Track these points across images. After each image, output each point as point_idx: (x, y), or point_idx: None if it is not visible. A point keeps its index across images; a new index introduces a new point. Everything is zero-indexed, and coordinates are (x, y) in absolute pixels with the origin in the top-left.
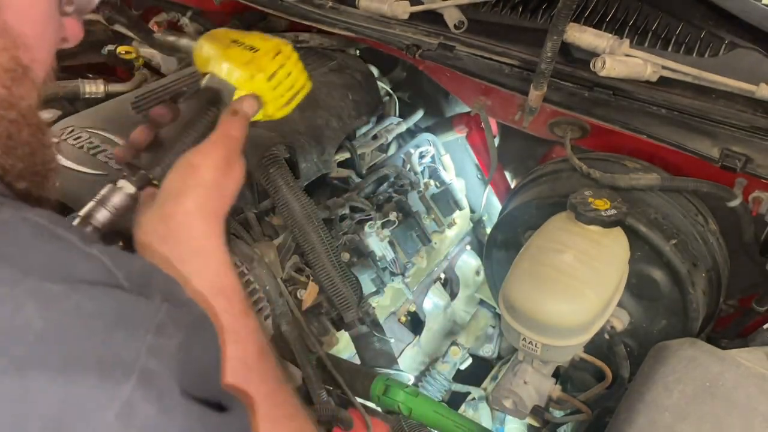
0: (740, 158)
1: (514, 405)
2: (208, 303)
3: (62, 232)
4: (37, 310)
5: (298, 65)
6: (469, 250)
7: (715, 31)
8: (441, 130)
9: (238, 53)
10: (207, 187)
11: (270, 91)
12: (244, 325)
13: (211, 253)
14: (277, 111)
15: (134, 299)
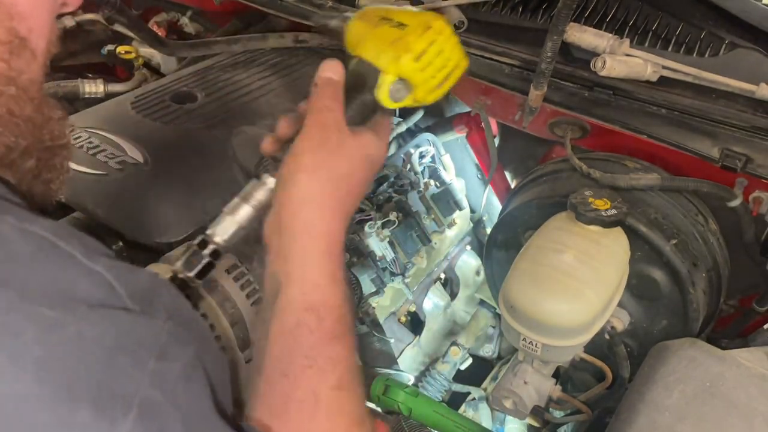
0: (740, 158)
1: (514, 405)
2: (292, 316)
3: (65, 246)
4: (36, 338)
5: (450, 41)
6: (469, 250)
7: (715, 31)
8: (441, 130)
9: (385, 32)
10: (308, 171)
11: (418, 72)
12: (327, 352)
13: (310, 256)
14: (428, 94)
15: (136, 320)
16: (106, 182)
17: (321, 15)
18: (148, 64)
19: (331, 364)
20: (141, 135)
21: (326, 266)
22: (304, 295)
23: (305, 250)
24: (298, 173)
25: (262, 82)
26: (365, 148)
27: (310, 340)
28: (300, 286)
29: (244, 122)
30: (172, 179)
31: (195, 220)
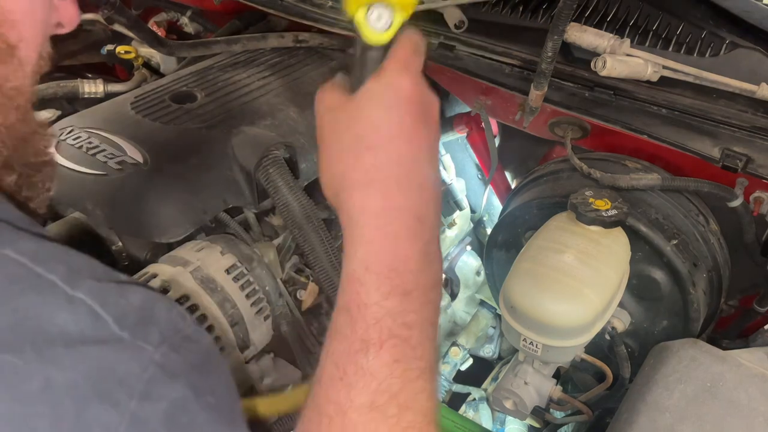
0: (741, 158)
1: (514, 406)
2: (336, 315)
3: (43, 272)
4: (1, 393)
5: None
6: (469, 251)
7: (715, 31)
8: (441, 129)
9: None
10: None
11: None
12: (359, 363)
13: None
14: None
15: (121, 353)
16: (105, 182)
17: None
18: (147, 64)
19: (363, 379)
20: (140, 135)
21: (373, 254)
22: (342, 291)
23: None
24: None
25: (261, 82)
26: (368, 102)
27: (340, 347)
28: (344, 277)
29: (244, 122)
30: (172, 179)
31: (195, 220)
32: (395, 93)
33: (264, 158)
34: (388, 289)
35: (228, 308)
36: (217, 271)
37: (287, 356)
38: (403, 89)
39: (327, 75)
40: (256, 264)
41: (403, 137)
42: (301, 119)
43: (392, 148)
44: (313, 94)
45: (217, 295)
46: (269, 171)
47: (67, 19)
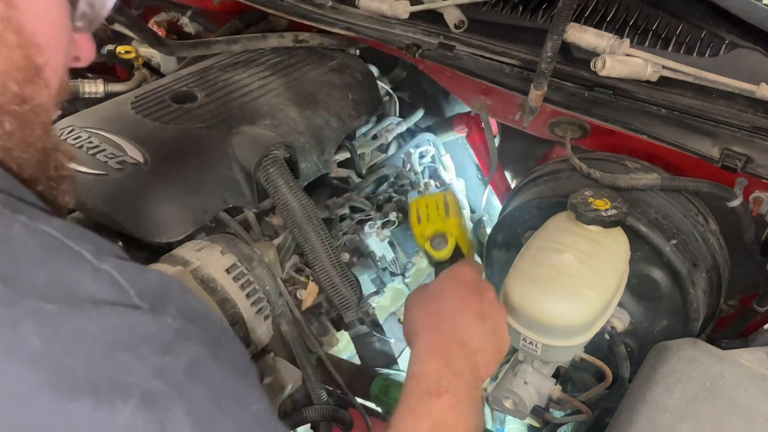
0: (740, 158)
1: (514, 405)
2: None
3: (74, 246)
4: (34, 331)
5: (424, 197)
6: None
7: (715, 30)
8: (441, 130)
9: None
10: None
11: (426, 224)
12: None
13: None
14: (447, 225)
15: (143, 317)
16: (106, 182)
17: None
18: (147, 63)
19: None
20: (141, 135)
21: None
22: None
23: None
24: (411, 325)
25: (262, 82)
26: (441, 277)
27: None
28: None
29: (244, 122)
30: (172, 179)
31: (195, 219)
32: (456, 273)
33: (264, 158)
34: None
35: (228, 308)
36: (217, 271)
37: (287, 356)
38: (462, 272)
39: (326, 75)
40: (256, 263)
41: (458, 297)
42: (301, 119)
43: (447, 302)
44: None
45: (217, 294)
46: (269, 171)
47: (84, 53)
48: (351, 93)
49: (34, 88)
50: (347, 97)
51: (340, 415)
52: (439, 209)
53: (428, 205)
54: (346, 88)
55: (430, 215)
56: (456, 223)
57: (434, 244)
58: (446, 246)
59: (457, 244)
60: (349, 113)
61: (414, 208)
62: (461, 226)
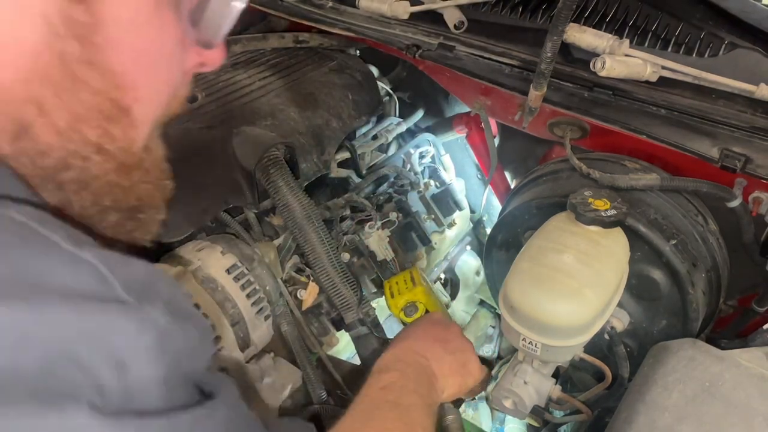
0: (740, 158)
1: (514, 405)
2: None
3: (47, 234)
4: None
5: (394, 276)
6: (469, 251)
7: (715, 31)
8: (441, 130)
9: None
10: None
11: (398, 297)
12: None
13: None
14: (414, 295)
15: (123, 315)
16: None
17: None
18: None
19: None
20: None
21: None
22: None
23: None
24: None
25: (262, 82)
26: (419, 321)
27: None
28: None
29: (245, 122)
30: (172, 179)
31: (195, 220)
32: (427, 318)
33: (264, 158)
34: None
35: (228, 308)
36: (218, 271)
37: (288, 356)
38: (431, 317)
39: (327, 75)
40: (257, 264)
41: (429, 334)
42: (301, 119)
43: (420, 337)
44: (314, 94)
45: (218, 294)
46: (270, 171)
47: (211, 61)
48: (351, 93)
49: (117, 130)
50: (347, 97)
51: (340, 415)
52: (407, 282)
53: (398, 282)
54: (346, 89)
55: (400, 289)
56: (422, 290)
57: (407, 313)
58: (417, 312)
59: (426, 309)
60: (349, 113)
61: (387, 287)
62: (427, 291)
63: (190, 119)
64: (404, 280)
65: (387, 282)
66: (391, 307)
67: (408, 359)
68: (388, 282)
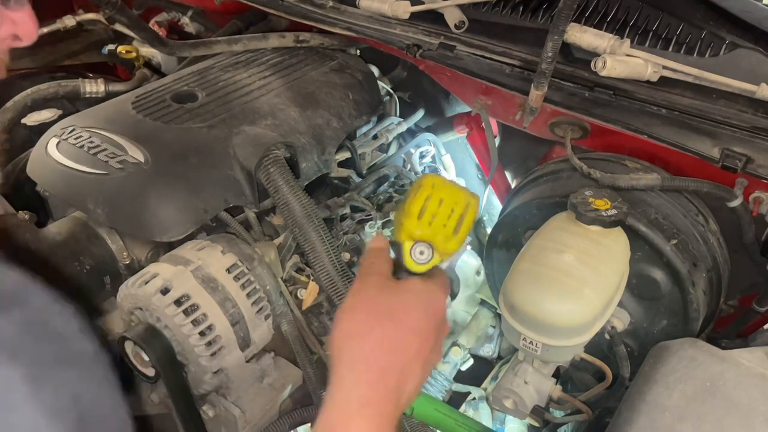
0: (741, 158)
1: (514, 405)
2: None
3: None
4: None
5: (446, 188)
6: (469, 250)
7: (715, 31)
8: (441, 130)
9: (399, 210)
10: (354, 338)
11: (426, 228)
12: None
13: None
14: (449, 243)
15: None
16: (106, 181)
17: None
18: (148, 63)
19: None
20: (141, 134)
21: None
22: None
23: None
24: (347, 341)
25: (262, 82)
26: (412, 291)
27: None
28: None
29: (245, 122)
30: (173, 178)
31: (196, 219)
32: (433, 302)
33: (265, 158)
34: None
35: (229, 307)
36: (218, 271)
37: (288, 355)
38: (438, 305)
39: (327, 74)
40: (257, 263)
41: (420, 338)
42: (301, 119)
43: (406, 341)
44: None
45: (218, 294)
46: (270, 170)
47: (24, 32)
48: (351, 93)
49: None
50: (348, 97)
51: None
52: (452, 218)
53: (443, 202)
54: (346, 88)
55: (436, 218)
56: (458, 244)
57: (415, 252)
58: (428, 262)
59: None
60: (349, 113)
61: (424, 195)
62: (459, 248)
63: (190, 119)
64: (452, 210)
65: (430, 184)
66: (405, 227)
67: (380, 411)
68: (431, 186)
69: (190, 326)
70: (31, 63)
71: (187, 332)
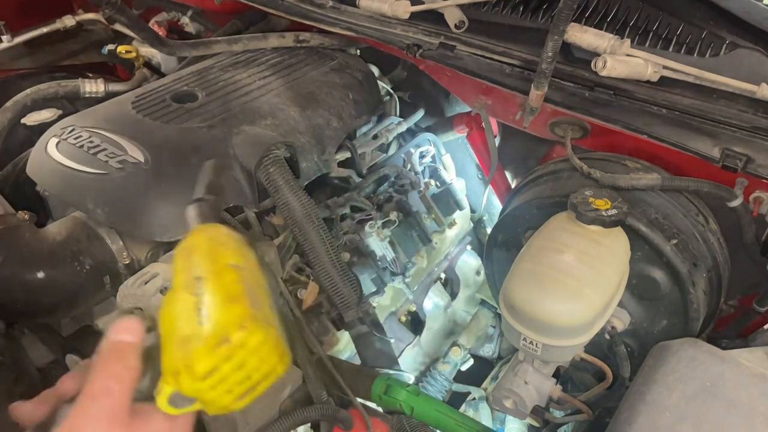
0: (741, 158)
1: (514, 405)
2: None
3: None
4: None
5: (258, 353)
6: (469, 250)
7: (716, 31)
8: (441, 129)
9: (184, 311)
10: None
11: (205, 391)
12: None
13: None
14: (223, 408)
15: None
16: (106, 181)
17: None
18: (148, 63)
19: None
20: (141, 134)
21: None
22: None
23: None
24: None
25: (262, 81)
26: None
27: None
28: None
29: (245, 122)
30: (173, 178)
31: None
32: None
33: (264, 157)
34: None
35: None
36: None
37: None
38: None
39: (327, 74)
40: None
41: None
42: (301, 119)
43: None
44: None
45: None
46: (270, 170)
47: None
48: (351, 93)
49: None
50: (348, 96)
51: (340, 415)
52: (242, 386)
53: (243, 367)
54: (346, 88)
55: (224, 383)
56: (235, 407)
57: (175, 399)
58: (185, 408)
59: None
60: (349, 113)
61: (222, 353)
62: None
63: (190, 119)
64: (246, 377)
65: (222, 345)
66: (179, 381)
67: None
68: (224, 347)
69: None
70: (31, 63)
71: None
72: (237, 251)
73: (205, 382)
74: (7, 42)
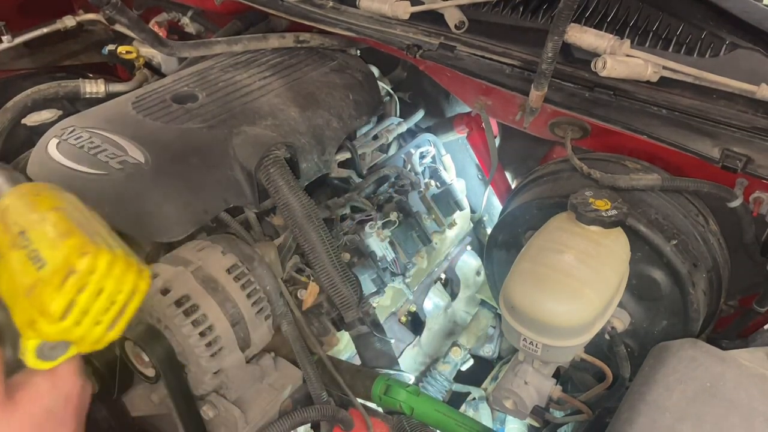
0: (741, 159)
1: (514, 405)
2: None
3: None
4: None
5: (112, 274)
6: (469, 251)
7: (715, 31)
8: (442, 130)
9: (19, 266)
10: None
11: (71, 330)
12: None
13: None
14: (98, 342)
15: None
16: (106, 182)
17: None
18: (149, 64)
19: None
20: (142, 135)
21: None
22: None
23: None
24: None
25: (262, 82)
26: (31, 411)
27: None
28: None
29: (245, 122)
30: (173, 179)
31: (196, 219)
32: (64, 406)
33: (265, 158)
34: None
35: (229, 308)
36: (218, 271)
37: (288, 355)
38: (70, 402)
39: (327, 75)
40: (257, 264)
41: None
42: (302, 119)
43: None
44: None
45: (218, 294)
46: (270, 171)
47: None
48: (352, 93)
49: None
50: (348, 97)
51: (340, 415)
52: (110, 312)
53: (102, 293)
54: (346, 89)
55: (88, 316)
56: (113, 336)
57: (43, 350)
58: (60, 357)
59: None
60: (349, 113)
61: (74, 284)
62: (114, 338)
63: (191, 119)
64: (110, 303)
65: (70, 277)
66: (38, 329)
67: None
68: (72, 278)
69: (191, 327)
70: (31, 63)
71: (187, 333)
72: (55, 197)
73: (67, 320)
74: (8, 42)
